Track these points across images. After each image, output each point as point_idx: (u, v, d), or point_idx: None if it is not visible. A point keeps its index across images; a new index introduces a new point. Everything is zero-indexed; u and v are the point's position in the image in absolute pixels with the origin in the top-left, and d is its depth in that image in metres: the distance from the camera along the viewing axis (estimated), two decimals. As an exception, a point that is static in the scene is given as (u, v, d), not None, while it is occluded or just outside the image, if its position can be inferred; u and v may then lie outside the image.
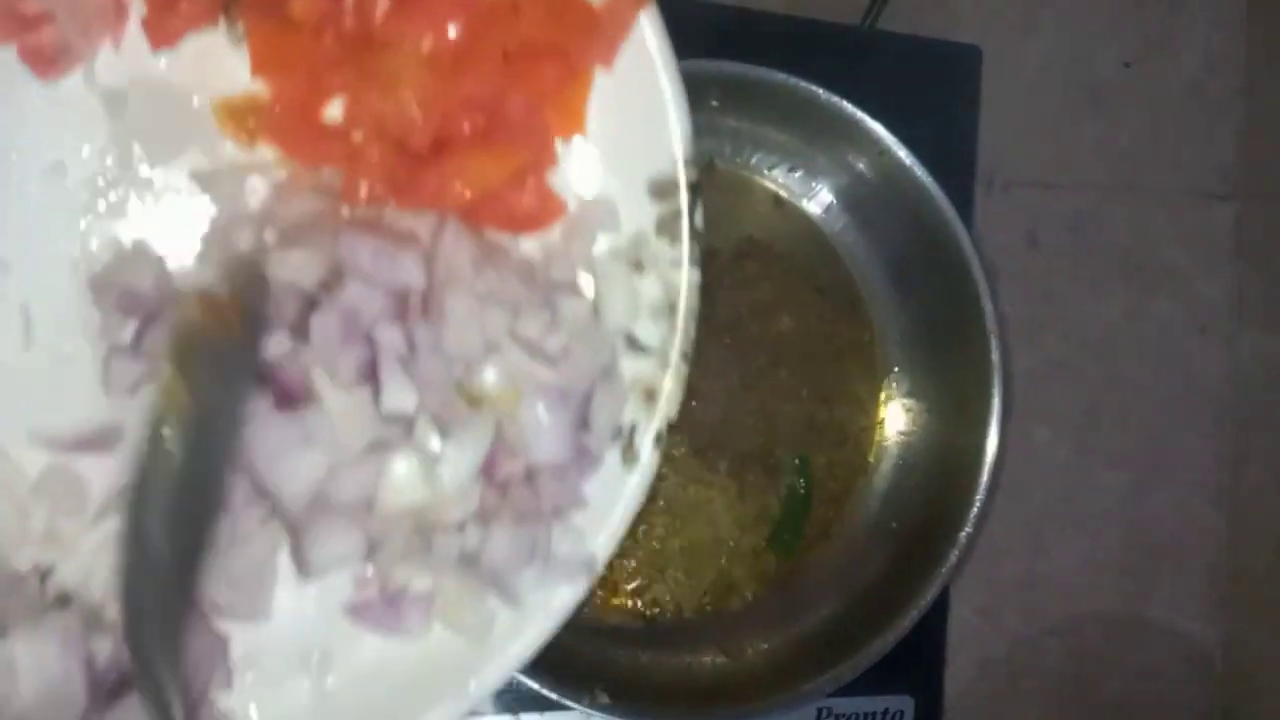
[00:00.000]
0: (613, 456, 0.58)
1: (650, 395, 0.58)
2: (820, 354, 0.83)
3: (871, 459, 0.84)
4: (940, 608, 0.87)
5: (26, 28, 0.53)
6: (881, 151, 0.76)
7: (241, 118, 0.56)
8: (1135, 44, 1.02)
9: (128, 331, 0.55)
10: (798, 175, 0.84)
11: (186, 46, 0.56)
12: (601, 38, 0.56)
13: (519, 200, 0.57)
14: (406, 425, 0.54)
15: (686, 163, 0.57)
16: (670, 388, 0.58)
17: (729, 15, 0.85)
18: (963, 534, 0.75)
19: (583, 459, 0.58)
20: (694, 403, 0.78)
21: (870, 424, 0.84)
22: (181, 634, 0.51)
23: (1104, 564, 1.00)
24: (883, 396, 0.84)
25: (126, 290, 0.55)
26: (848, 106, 0.75)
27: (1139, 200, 1.02)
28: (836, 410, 0.83)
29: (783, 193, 0.85)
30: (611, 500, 0.58)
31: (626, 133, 0.57)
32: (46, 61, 0.54)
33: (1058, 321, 1.00)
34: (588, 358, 0.57)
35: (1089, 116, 1.01)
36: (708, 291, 0.59)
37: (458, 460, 0.55)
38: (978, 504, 0.76)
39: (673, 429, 0.59)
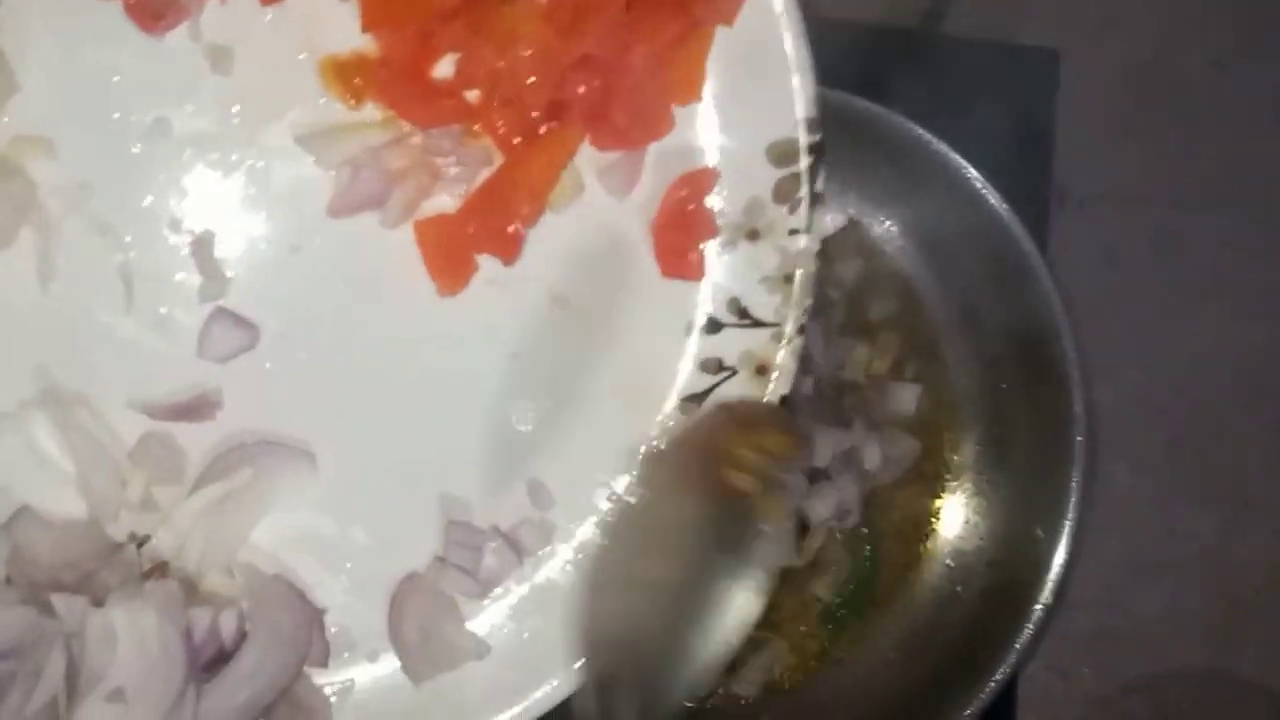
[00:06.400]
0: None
1: (762, 370, 0.57)
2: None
3: (936, 519, 0.76)
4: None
5: (133, -19, 0.53)
6: (951, 177, 0.68)
7: (348, 76, 0.55)
8: (1225, 43, 0.93)
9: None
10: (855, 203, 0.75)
11: (294, 2, 0.55)
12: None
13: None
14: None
15: (809, 125, 0.55)
16: (784, 362, 0.57)
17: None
18: (1038, 606, 0.68)
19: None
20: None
21: (937, 478, 0.76)
22: None
23: (1188, 615, 0.93)
24: (949, 450, 0.76)
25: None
26: (913, 127, 0.68)
27: (1228, 214, 0.94)
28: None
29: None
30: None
31: (746, 94, 0.56)
32: (152, 17, 0.54)
33: (1139, 349, 0.93)
34: None
35: (1173, 123, 0.93)
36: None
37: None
38: (1056, 569, 0.68)
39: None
